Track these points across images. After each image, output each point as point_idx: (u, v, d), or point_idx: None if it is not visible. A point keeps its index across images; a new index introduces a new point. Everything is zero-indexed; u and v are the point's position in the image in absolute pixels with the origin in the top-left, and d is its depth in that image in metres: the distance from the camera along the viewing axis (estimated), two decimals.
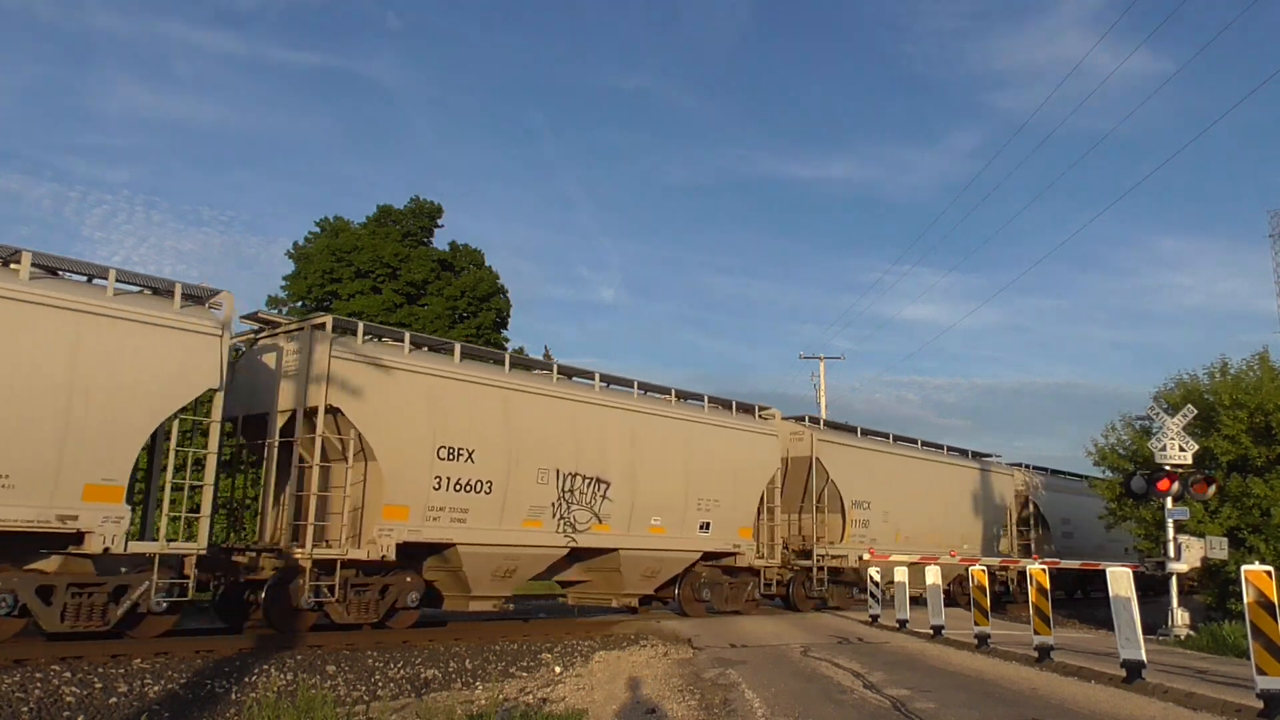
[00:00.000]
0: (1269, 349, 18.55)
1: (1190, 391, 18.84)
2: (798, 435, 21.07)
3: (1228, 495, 17.15)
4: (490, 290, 35.93)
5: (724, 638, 14.46)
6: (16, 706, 8.25)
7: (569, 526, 15.50)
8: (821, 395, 41.05)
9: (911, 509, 23.03)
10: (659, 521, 17.17)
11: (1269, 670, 7.90)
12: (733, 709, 8.55)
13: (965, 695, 9.26)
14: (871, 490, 21.92)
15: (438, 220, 37.27)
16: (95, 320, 10.65)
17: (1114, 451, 20.80)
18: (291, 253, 35.63)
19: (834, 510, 21.43)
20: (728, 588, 19.01)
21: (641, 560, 16.92)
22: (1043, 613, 11.92)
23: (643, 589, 17.57)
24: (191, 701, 9.16)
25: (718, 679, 10.34)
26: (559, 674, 11.63)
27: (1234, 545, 16.61)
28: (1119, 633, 10.25)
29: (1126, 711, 8.41)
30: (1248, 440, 17.19)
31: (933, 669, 11.41)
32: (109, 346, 10.73)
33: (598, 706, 9.27)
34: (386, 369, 13.57)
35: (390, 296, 34.00)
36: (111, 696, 8.86)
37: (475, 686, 10.91)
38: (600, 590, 17.34)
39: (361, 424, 13.04)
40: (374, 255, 34.28)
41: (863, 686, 9.79)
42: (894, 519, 22.34)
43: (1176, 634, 15.92)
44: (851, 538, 21.17)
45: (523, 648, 13.12)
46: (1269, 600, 8.01)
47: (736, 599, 19.16)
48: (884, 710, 8.44)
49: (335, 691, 9.85)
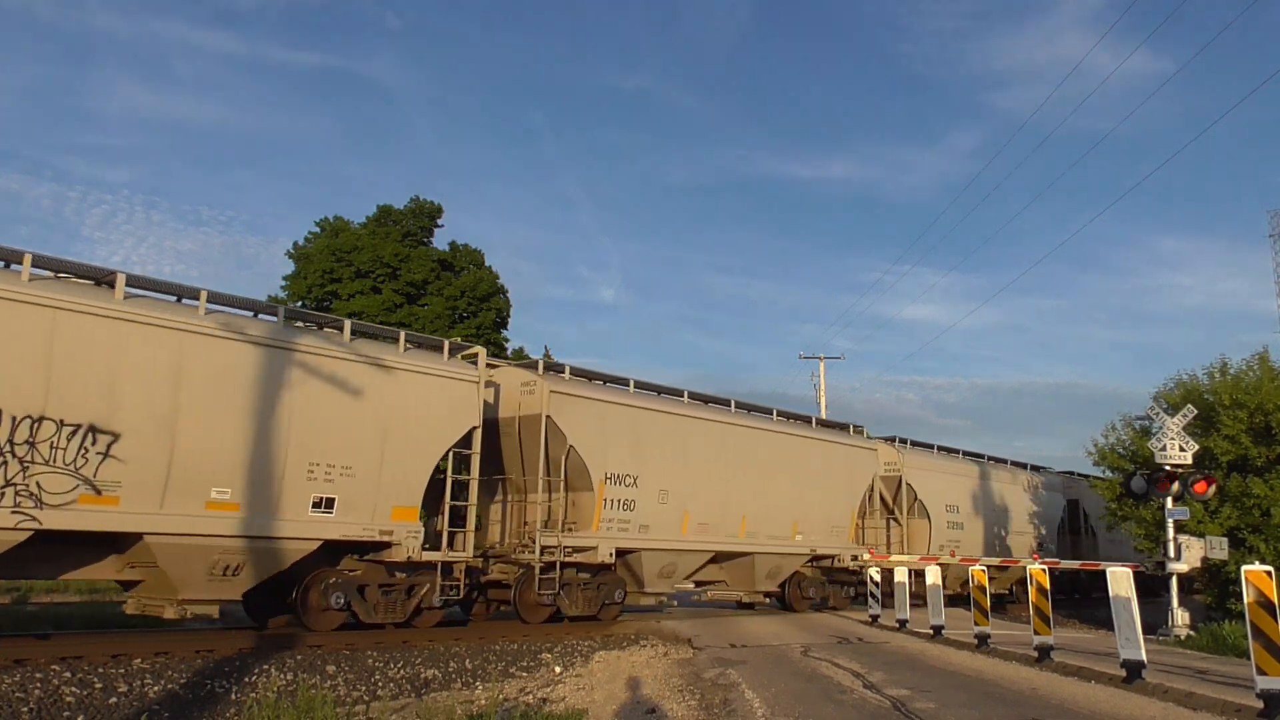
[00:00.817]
0: (1269, 349, 18.59)
1: (1190, 391, 18.85)
2: (528, 386, 15.76)
3: (1228, 495, 17.15)
4: (490, 290, 35.94)
5: (724, 638, 14.47)
6: (16, 706, 8.25)
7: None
8: (821, 395, 41.09)
9: (711, 488, 17.96)
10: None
11: (1269, 670, 7.90)
12: (733, 709, 8.55)
13: (965, 695, 9.26)
14: (639, 462, 16.62)
15: (438, 220, 37.29)
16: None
17: (1114, 451, 20.83)
18: (291, 253, 35.65)
19: (585, 488, 16.30)
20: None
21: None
22: (1043, 613, 11.93)
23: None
24: (191, 701, 9.15)
25: (718, 679, 10.34)
26: (559, 674, 11.63)
27: (1234, 545, 16.61)
28: (1119, 633, 10.25)
29: (1127, 711, 8.41)
30: (1248, 440, 17.19)
31: (933, 669, 11.41)
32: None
33: (598, 706, 9.27)
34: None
35: (390, 296, 34.01)
36: (111, 696, 8.85)
37: (475, 686, 10.90)
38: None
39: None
40: (374, 255, 34.29)
41: (863, 686, 9.79)
42: (679, 499, 17.31)
43: (1176, 634, 15.93)
44: (604, 523, 15.97)
45: (523, 648, 13.12)
46: (1269, 600, 8.01)
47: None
48: (884, 710, 8.44)
49: (335, 691, 9.84)
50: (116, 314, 10.76)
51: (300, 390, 12.22)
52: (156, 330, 11.04)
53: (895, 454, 24.18)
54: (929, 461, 25.15)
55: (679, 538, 17.36)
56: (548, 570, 15.03)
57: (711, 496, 18.02)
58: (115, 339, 10.68)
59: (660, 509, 16.99)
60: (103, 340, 10.58)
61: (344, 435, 12.67)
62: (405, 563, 13.39)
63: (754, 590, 19.30)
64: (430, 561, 13.67)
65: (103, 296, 10.85)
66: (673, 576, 17.50)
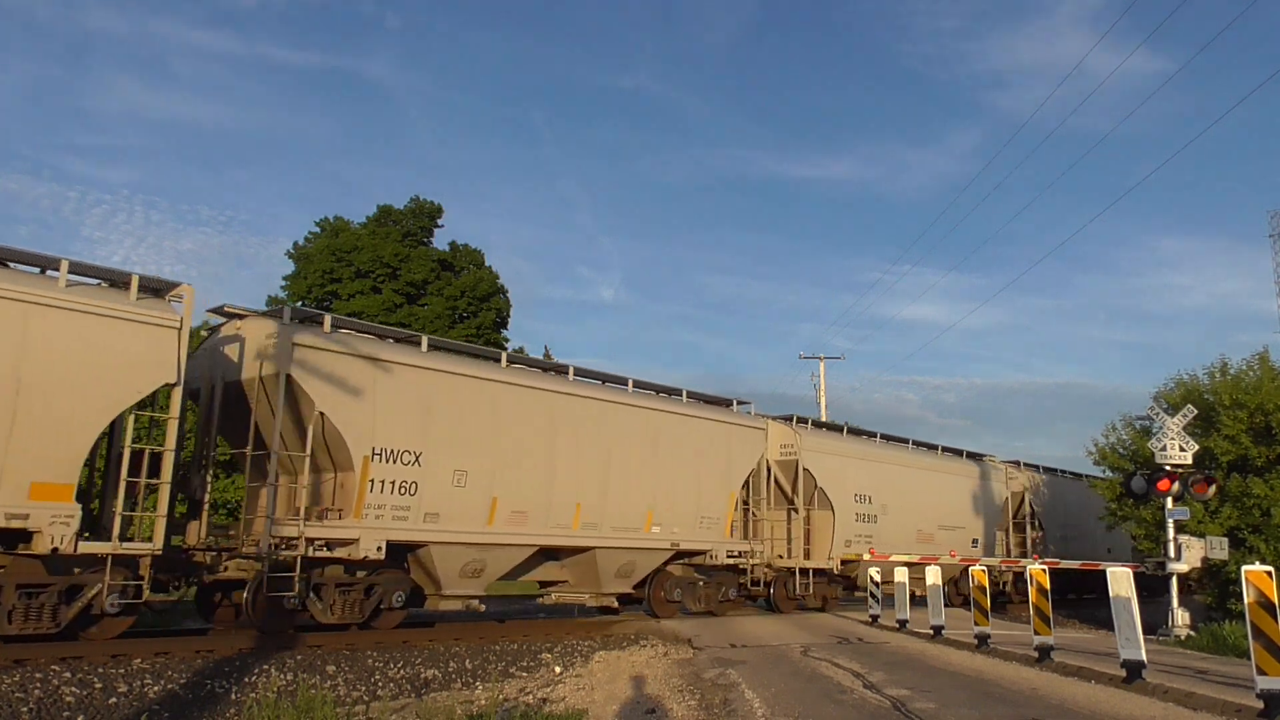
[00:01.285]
0: (1269, 349, 18.61)
1: (1190, 391, 18.86)
2: (270, 339, 12.90)
3: (1228, 495, 17.15)
4: (490, 290, 35.97)
5: (724, 638, 14.46)
6: (16, 706, 8.25)
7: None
8: (821, 395, 41.05)
9: (532, 469, 15.11)
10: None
11: (1269, 670, 7.89)
12: (733, 709, 8.55)
13: (965, 695, 9.26)
14: (424, 436, 13.67)
15: (438, 220, 37.33)
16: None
17: (1114, 451, 20.84)
18: (291, 253, 35.69)
19: (347, 466, 14.01)
20: None
21: None
22: (1043, 613, 11.92)
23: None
24: (191, 701, 9.16)
25: (718, 679, 10.34)
26: (559, 674, 11.63)
27: (1234, 545, 16.62)
28: (1119, 633, 10.25)
29: (1127, 711, 8.41)
30: (1248, 440, 17.19)
31: (933, 669, 11.41)
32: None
33: (598, 706, 9.27)
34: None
35: (390, 296, 34.04)
36: (111, 696, 8.85)
37: (475, 686, 10.91)
38: None
39: None
40: (374, 255, 34.31)
41: (863, 686, 9.79)
42: (484, 482, 14.30)
43: (1177, 634, 15.93)
44: (370, 510, 12.99)
45: (523, 648, 13.12)
46: (1269, 600, 8.01)
47: None
48: (884, 710, 8.44)
49: (335, 691, 9.85)
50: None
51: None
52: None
53: (792, 435, 20.74)
54: (833, 444, 21.87)
55: (484, 529, 14.23)
56: (280, 568, 12.28)
57: (532, 480, 14.95)
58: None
59: (456, 494, 13.88)
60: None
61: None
62: (52, 556, 10.33)
63: (602, 592, 16.59)
64: (95, 555, 10.65)
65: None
66: (482, 576, 14.56)
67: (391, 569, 13.69)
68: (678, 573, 18.28)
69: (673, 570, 18.19)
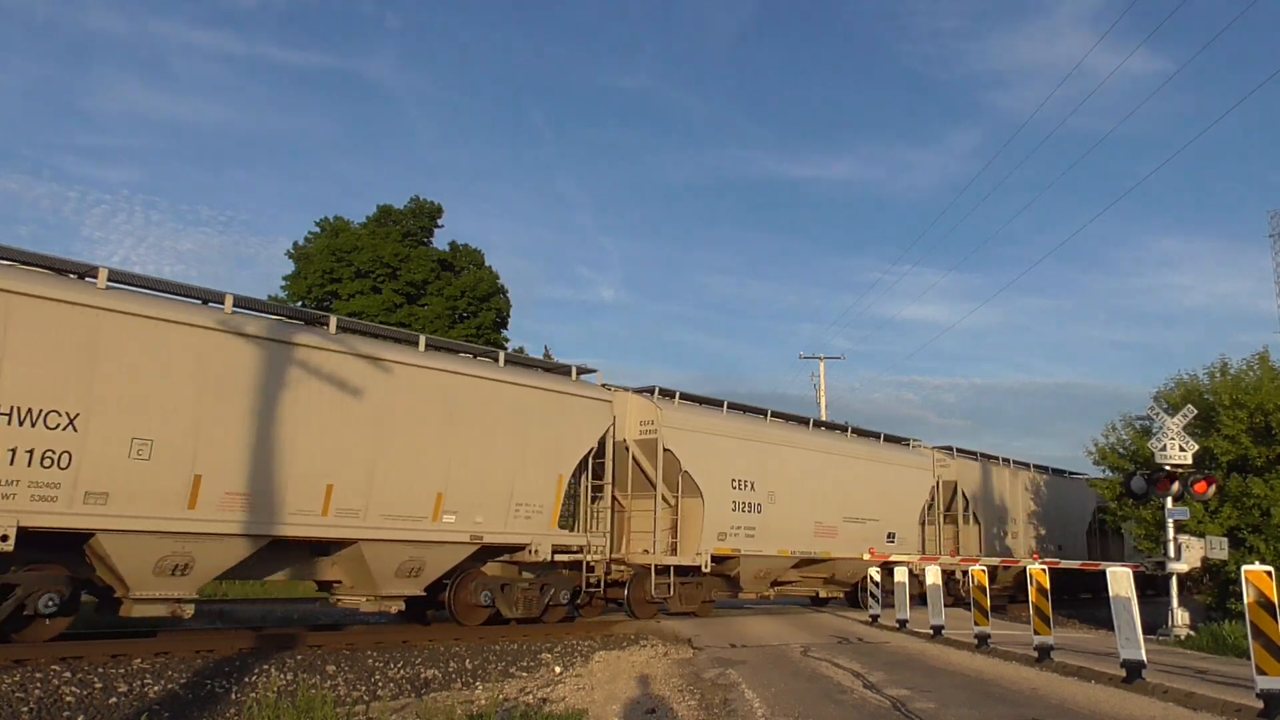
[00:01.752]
0: (1269, 349, 18.61)
1: (1190, 391, 18.87)
2: None
3: (1228, 495, 17.16)
4: (490, 290, 36.00)
5: (724, 638, 14.47)
6: (16, 706, 8.25)
7: None
8: (821, 395, 41.07)
9: (253, 439, 12.01)
10: None
11: (1269, 670, 7.90)
12: (733, 709, 8.55)
13: (965, 695, 9.26)
14: (86, 394, 10.61)
15: (438, 220, 37.37)
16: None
17: (1114, 451, 20.84)
18: (291, 253, 35.73)
19: None
20: None
21: None
22: (1042, 613, 11.93)
23: None
24: (191, 701, 9.16)
25: (718, 679, 10.34)
26: (559, 674, 11.63)
27: (1234, 545, 16.62)
28: (1119, 633, 10.25)
29: (1127, 711, 8.41)
30: (1248, 440, 17.20)
31: (933, 669, 11.41)
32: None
33: (598, 706, 9.27)
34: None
35: (390, 296, 34.07)
36: (111, 696, 8.86)
37: (475, 686, 10.90)
38: None
39: None
40: (374, 255, 34.34)
41: (863, 686, 9.79)
42: (181, 456, 11.20)
43: (1176, 634, 15.94)
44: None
45: (523, 648, 13.13)
46: (1269, 600, 8.01)
47: None
48: (884, 710, 8.44)
49: (335, 691, 9.85)
50: None
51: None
52: None
53: (653, 410, 17.44)
54: (705, 421, 18.41)
55: (183, 514, 11.16)
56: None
57: (258, 454, 11.93)
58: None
59: (136, 468, 10.84)
60: None
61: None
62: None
63: (379, 594, 13.33)
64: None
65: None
66: (190, 574, 11.41)
67: (45, 564, 10.61)
68: (495, 571, 15.16)
69: (489, 569, 15.12)
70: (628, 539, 17.25)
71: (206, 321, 11.64)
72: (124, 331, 10.89)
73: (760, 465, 18.99)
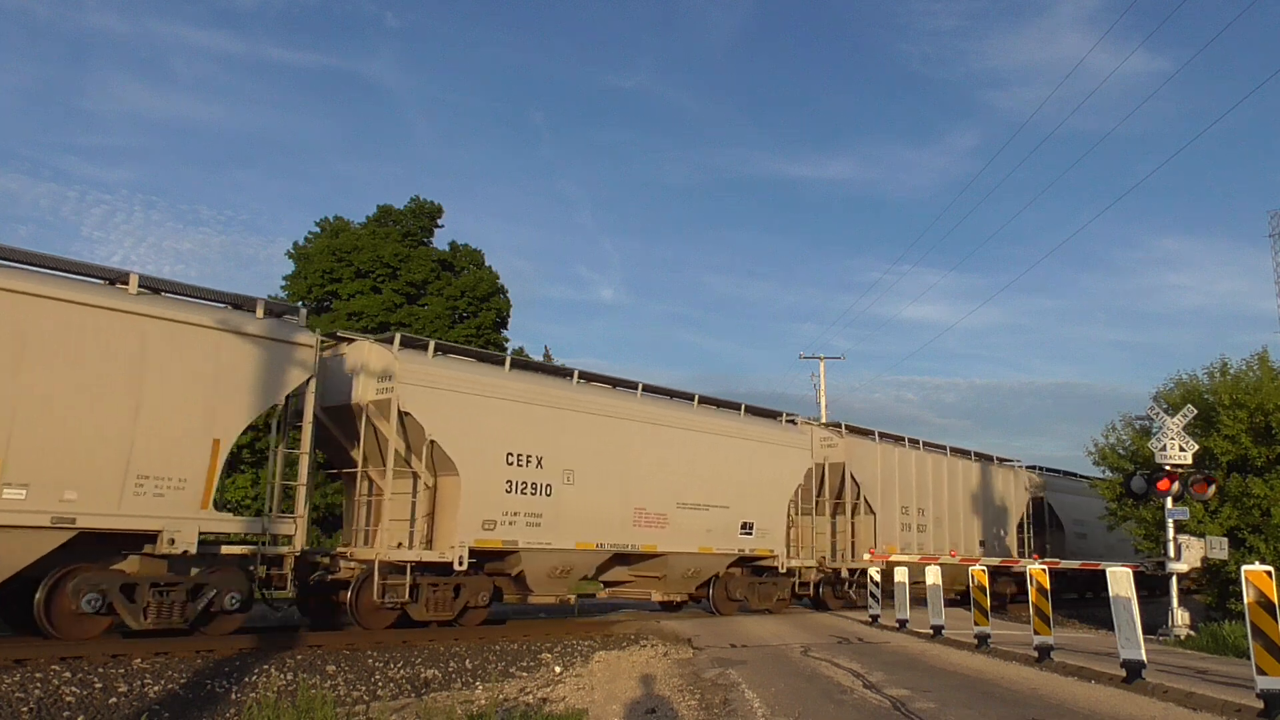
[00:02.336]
0: (1269, 349, 18.65)
1: (1190, 391, 18.87)
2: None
3: (1228, 495, 17.16)
4: (490, 290, 35.98)
5: (724, 638, 14.47)
6: (16, 706, 8.25)
7: None
8: (822, 395, 41.04)
9: None
10: None
11: (1269, 670, 7.90)
12: (733, 709, 8.55)
13: (965, 695, 9.26)
14: None
15: (438, 220, 37.34)
16: None
17: (1114, 451, 20.84)
18: (291, 253, 35.68)
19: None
20: None
21: None
22: (1043, 613, 11.93)
23: None
24: (191, 701, 9.16)
25: (718, 679, 10.34)
26: (559, 674, 11.63)
27: (1234, 545, 16.63)
28: (1119, 633, 10.26)
29: (1127, 711, 8.41)
30: (1248, 440, 17.20)
31: (933, 669, 11.41)
32: None
33: (598, 706, 9.27)
34: None
35: (390, 296, 34.04)
36: (111, 696, 8.86)
37: (475, 686, 10.90)
38: None
39: None
40: (374, 255, 34.32)
41: (863, 686, 9.79)
42: None
43: (1176, 634, 15.94)
44: None
45: (523, 648, 13.13)
46: (1269, 600, 8.01)
47: None
48: (884, 710, 8.44)
49: (335, 691, 9.84)
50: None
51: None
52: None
53: (389, 360, 13.70)
54: (464, 378, 14.44)
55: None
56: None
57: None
58: None
59: None
60: None
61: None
62: None
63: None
64: None
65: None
66: None
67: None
68: (133, 568, 11.49)
69: (129, 566, 11.50)
70: (381, 529, 13.79)
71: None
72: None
73: (553, 438, 15.29)
